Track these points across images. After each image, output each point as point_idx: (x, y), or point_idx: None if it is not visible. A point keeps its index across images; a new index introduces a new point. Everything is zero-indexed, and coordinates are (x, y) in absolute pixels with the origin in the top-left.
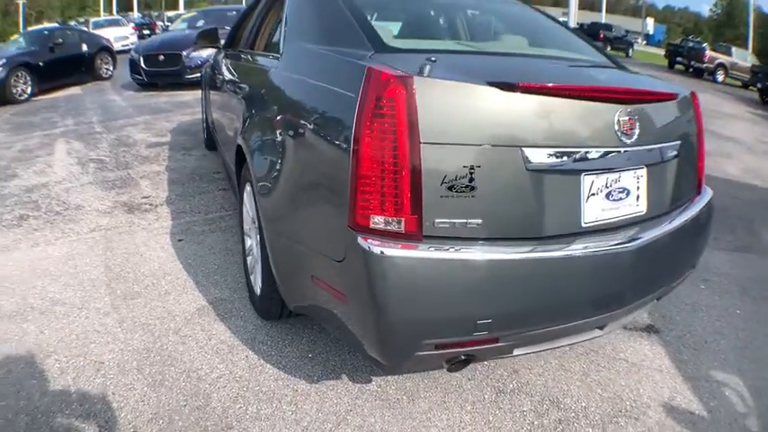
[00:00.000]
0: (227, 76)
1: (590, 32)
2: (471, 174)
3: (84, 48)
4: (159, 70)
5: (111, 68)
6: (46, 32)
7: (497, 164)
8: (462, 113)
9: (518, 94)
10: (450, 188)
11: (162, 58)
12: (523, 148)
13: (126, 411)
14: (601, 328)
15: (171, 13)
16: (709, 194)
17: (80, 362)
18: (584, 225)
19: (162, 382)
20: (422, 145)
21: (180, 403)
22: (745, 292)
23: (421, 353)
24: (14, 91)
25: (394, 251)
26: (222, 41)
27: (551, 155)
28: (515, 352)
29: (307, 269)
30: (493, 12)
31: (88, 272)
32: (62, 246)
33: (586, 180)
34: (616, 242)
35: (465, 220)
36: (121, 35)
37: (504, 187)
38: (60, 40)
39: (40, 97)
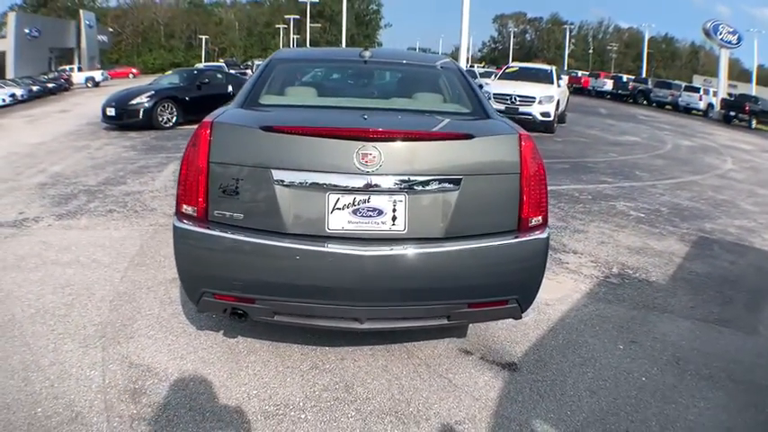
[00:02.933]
0: None
1: (736, 104)
2: (237, 184)
3: (230, 89)
4: None
5: None
6: (196, 72)
7: (253, 179)
8: (236, 144)
9: (274, 134)
10: (223, 191)
11: None
12: (272, 170)
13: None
14: (359, 321)
15: None
16: (536, 236)
17: (84, 292)
18: (328, 230)
19: (127, 296)
20: (210, 163)
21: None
22: (681, 365)
23: (206, 298)
24: (160, 119)
25: (186, 226)
26: None
27: (294, 175)
28: (276, 318)
29: None
30: (398, 76)
31: (127, 248)
32: (123, 231)
33: (331, 197)
34: (353, 247)
35: (232, 214)
36: None
37: (258, 195)
38: (207, 81)
39: (185, 126)
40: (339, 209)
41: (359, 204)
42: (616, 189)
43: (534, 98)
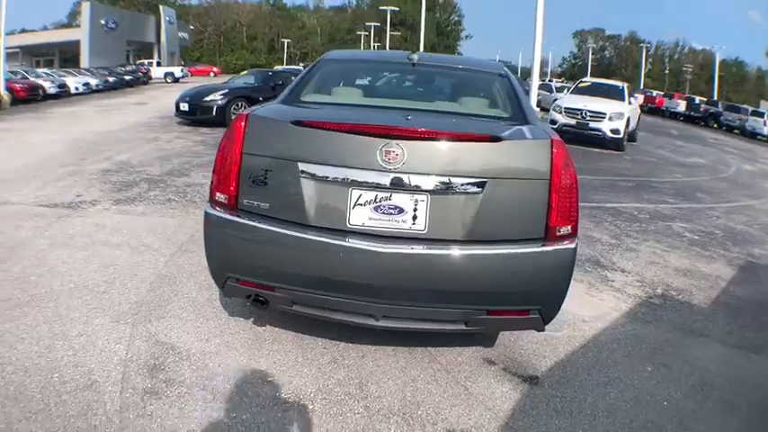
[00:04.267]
0: None
1: None
2: (266, 175)
3: None
4: None
5: None
6: (270, 73)
7: (281, 171)
8: (268, 137)
9: (303, 128)
10: (253, 182)
11: None
12: (298, 163)
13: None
14: (375, 318)
15: None
16: (563, 246)
17: (126, 273)
18: (349, 225)
19: (168, 279)
20: (243, 154)
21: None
22: (705, 391)
23: (230, 283)
24: (233, 117)
25: (216, 213)
26: None
27: (319, 169)
28: (295, 308)
29: None
30: (443, 79)
31: (179, 235)
32: (178, 219)
33: (354, 192)
34: (371, 244)
35: (259, 203)
36: None
37: (284, 186)
38: (281, 82)
39: None
40: (361, 205)
41: (380, 201)
42: (675, 210)
43: (604, 114)
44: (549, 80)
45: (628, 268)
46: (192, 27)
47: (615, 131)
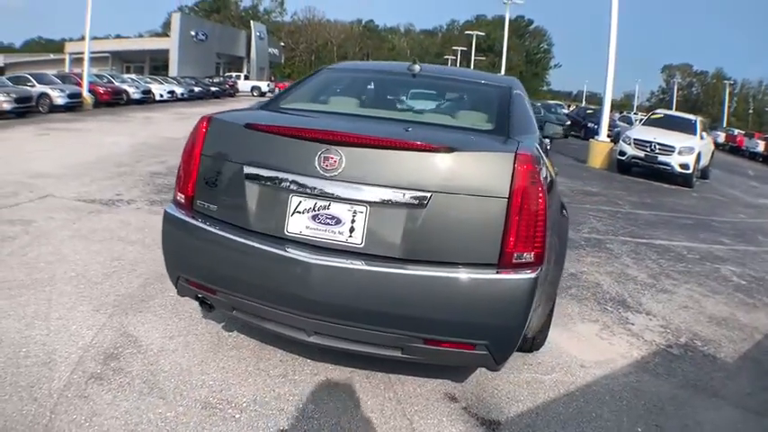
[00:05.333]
0: None
1: None
2: (217, 177)
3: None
4: None
5: (548, 146)
6: None
7: (229, 173)
8: (224, 140)
9: (253, 132)
10: (206, 183)
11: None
12: (243, 165)
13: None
14: (306, 333)
15: None
16: (519, 276)
17: (128, 267)
18: (287, 233)
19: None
20: (200, 155)
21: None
22: None
23: (181, 283)
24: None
25: (171, 212)
26: None
27: (262, 173)
28: (235, 313)
29: None
30: (438, 91)
31: None
32: None
33: (294, 199)
34: (302, 253)
35: (209, 205)
36: None
37: (231, 190)
38: None
39: None
40: (300, 212)
41: (319, 210)
42: (729, 251)
43: (674, 148)
44: (634, 113)
45: (655, 311)
46: (283, 44)
47: (684, 166)
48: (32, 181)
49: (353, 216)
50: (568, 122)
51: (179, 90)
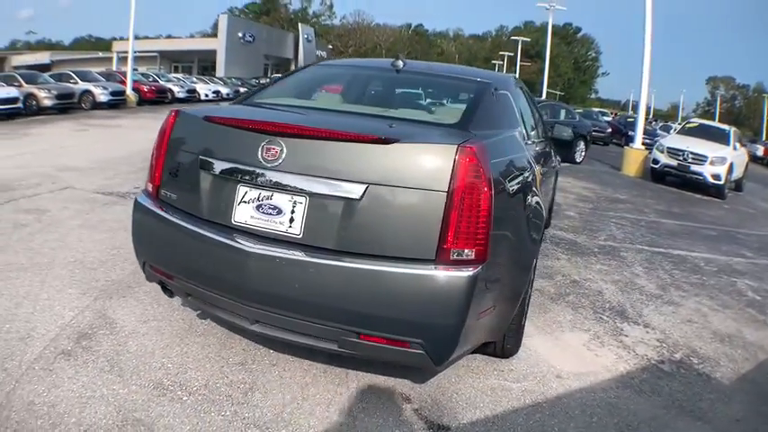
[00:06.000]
0: None
1: None
2: (178, 167)
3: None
4: None
5: (583, 153)
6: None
7: (188, 164)
8: (187, 132)
9: (209, 124)
10: (170, 173)
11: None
12: (199, 156)
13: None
14: (249, 322)
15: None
16: (456, 273)
17: (124, 255)
18: (233, 222)
19: None
20: (167, 146)
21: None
22: None
23: (148, 269)
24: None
25: (139, 200)
26: None
27: (214, 163)
28: (189, 299)
29: None
30: (418, 87)
31: None
32: None
33: (241, 189)
34: (242, 242)
35: (170, 194)
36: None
37: (188, 179)
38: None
39: None
40: (245, 202)
41: (262, 200)
42: (749, 265)
43: (706, 157)
44: (678, 123)
45: (655, 324)
46: (331, 46)
47: (716, 177)
48: (59, 174)
49: (293, 206)
50: (609, 130)
51: (224, 90)
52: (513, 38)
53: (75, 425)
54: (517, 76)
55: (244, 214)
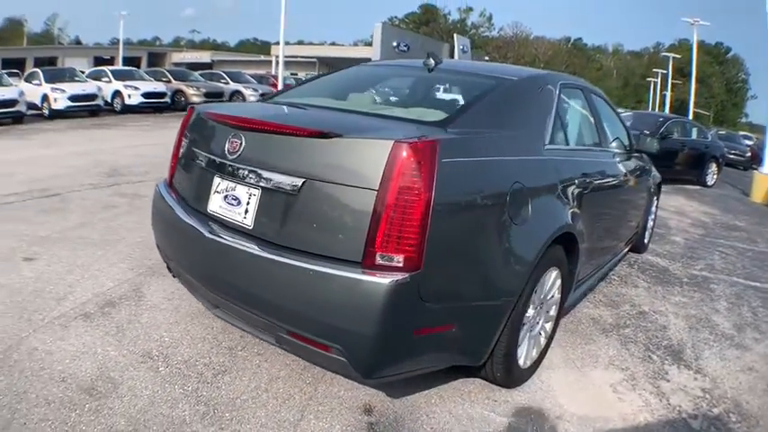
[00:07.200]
0: None
1: None
2: (185, 158)
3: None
4: None
5: (715, 176)
6: (661, 119)
7: (189, 155)
8: (193, 126)
9: (204, 118)
10: (179, 165)
11: None
12: (194, 148)
13: None
14: (213, 306)
15: None
16: (378, 279)
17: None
18: (209, 211)
19: None
20: (181, 139)
21: None
22: None
23: (160, 251)
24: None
25: (157, 189)
26: None
27: (201, 154)
28: (178, 280)
29: None
30: (440, 86)
31: None
32: None
33: (215, 180)
34: (204, 228)
35: (178, 183)
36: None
37: (188, 169)
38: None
39: None
40: (218, 192)
41: (228, 191)
42: None
43: None
44: None
45: (708, 369)
46: (487, 57)
47: None
48: None
49: (249, 198)
50: (749, 154)
51: None
52: (663, 54)
53: (59, 372)
54: (668, 93)
55: (215, 203)
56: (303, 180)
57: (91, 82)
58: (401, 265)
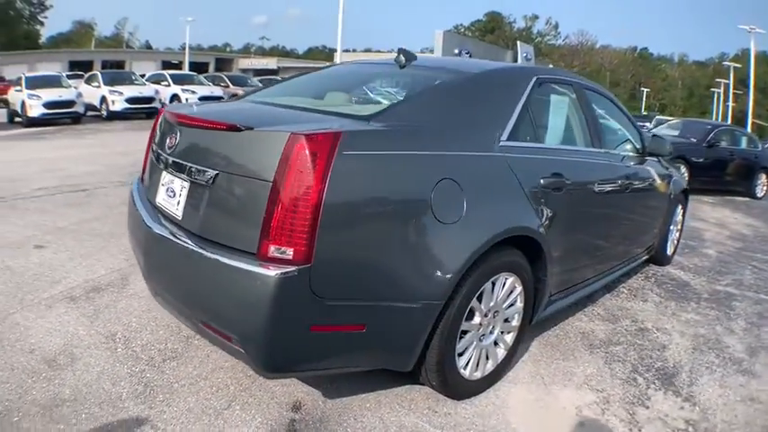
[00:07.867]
0: None
1: None
2: (151, 155)
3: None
4: None
5: (765, 188)
6: (709, 126)
7: (151, 149)
8: (159, 125)
9: (164, 116)
10: (149, 158)
11: None
12: (153, 144)
13: None
14: (154, 294)
15: None
16: (267, 271)
17: None
18: (156, 202)
19: None
20: (151, 136)
21: None
22: None
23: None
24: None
25: (134, 181)
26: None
27: (156, 151)
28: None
29: None
30: (404, 81)
31: None
32: None
33: (163, 174)
34: (148, 219)
35: (146, 178)
36: None
37: (150, 163)
38: (721, 143)
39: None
40: (163, 185)
41: (168, 184)
42: None
43: None
44: None
45: (702, 398)
46: (551, 65)
47: None
48: None
49: (181, 190)
50: None
51: None
52: (724, 63)
53: (30, 344)
54: (730, 104)
55: (160, 195)
56: (216, 172)
57: (149, 85)
58: (291, 257)
